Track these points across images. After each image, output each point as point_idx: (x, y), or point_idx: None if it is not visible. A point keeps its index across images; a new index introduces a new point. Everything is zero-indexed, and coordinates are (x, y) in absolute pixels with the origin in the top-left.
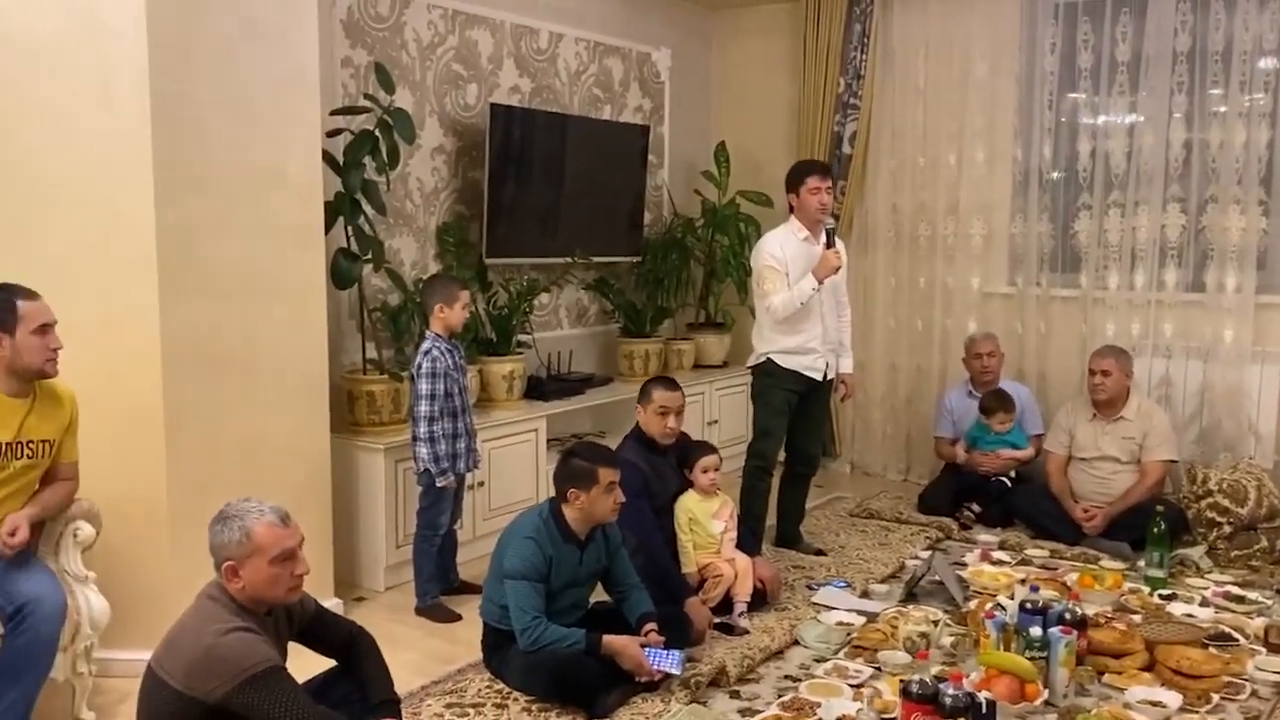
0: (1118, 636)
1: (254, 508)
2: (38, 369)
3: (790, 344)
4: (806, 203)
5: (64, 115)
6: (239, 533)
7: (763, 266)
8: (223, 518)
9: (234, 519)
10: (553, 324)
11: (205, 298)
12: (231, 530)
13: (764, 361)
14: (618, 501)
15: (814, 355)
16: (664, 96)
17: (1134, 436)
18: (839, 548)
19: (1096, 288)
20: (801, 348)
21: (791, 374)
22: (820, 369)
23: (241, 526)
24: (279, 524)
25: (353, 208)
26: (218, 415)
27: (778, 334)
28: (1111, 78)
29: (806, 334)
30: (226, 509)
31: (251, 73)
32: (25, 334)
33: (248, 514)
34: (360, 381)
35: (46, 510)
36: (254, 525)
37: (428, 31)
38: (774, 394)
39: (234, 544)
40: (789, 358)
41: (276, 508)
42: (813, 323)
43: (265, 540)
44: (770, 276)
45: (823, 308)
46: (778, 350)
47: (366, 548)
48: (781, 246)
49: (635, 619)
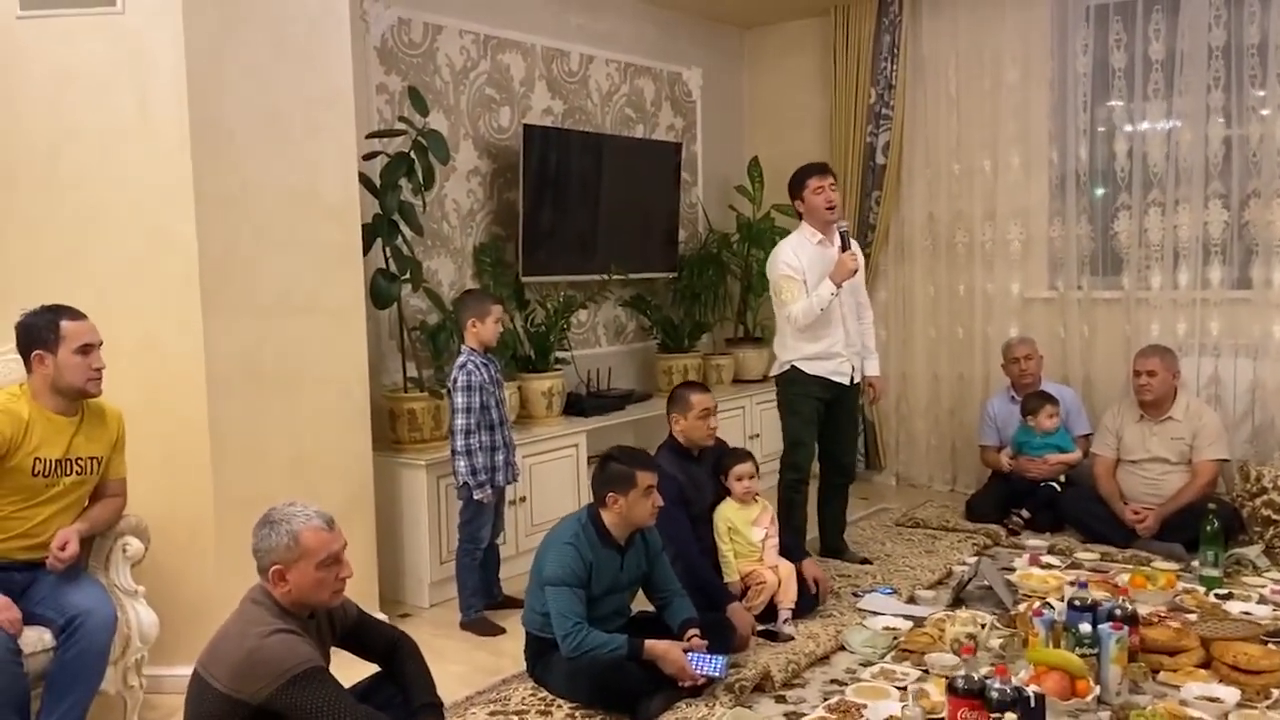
0: (1171, 634)
1: (300, 512)
2: (79, 388)
3: (814, 350)
4: (812, 204)
5: (106, 141)
6: (286, 537)
7: (779, 276)
8: (269, 522)
9: (281, 523)
10: (591, 341)
11: (247, 316)
12: (279, 535)
13: (789, 370)
14: (656, 505)
15: (839, 359)
16: (696, 115)
17: (1183, 436)
18: (884, 556)
19: (1139, 288)
20: (826, 353)
21: (818, 380)
22: (846, 373)
23: (289, 531)
24: (325, 528)
25: (390, 229)
26: (262, 432)
27: (801, 341)
28: (1146, 76)
29: (830, 339)
30: (272, 513)
31: (287, 95)
32: (68, 353)
33: (294, 518)
34: (401, 399)
35: (96, 526)
36: (301, 529)
37: (460, 56)
38: (802, 402)
39: (281, 548)
40: (814, 364)
41: (321, 511)
42: (835, 327)
43: (312, 544)
44: (788, 286)
45: (844, 309)
46: (802, 358)
47: (410, 564)
48: (795, 254)
49: (677, 625)
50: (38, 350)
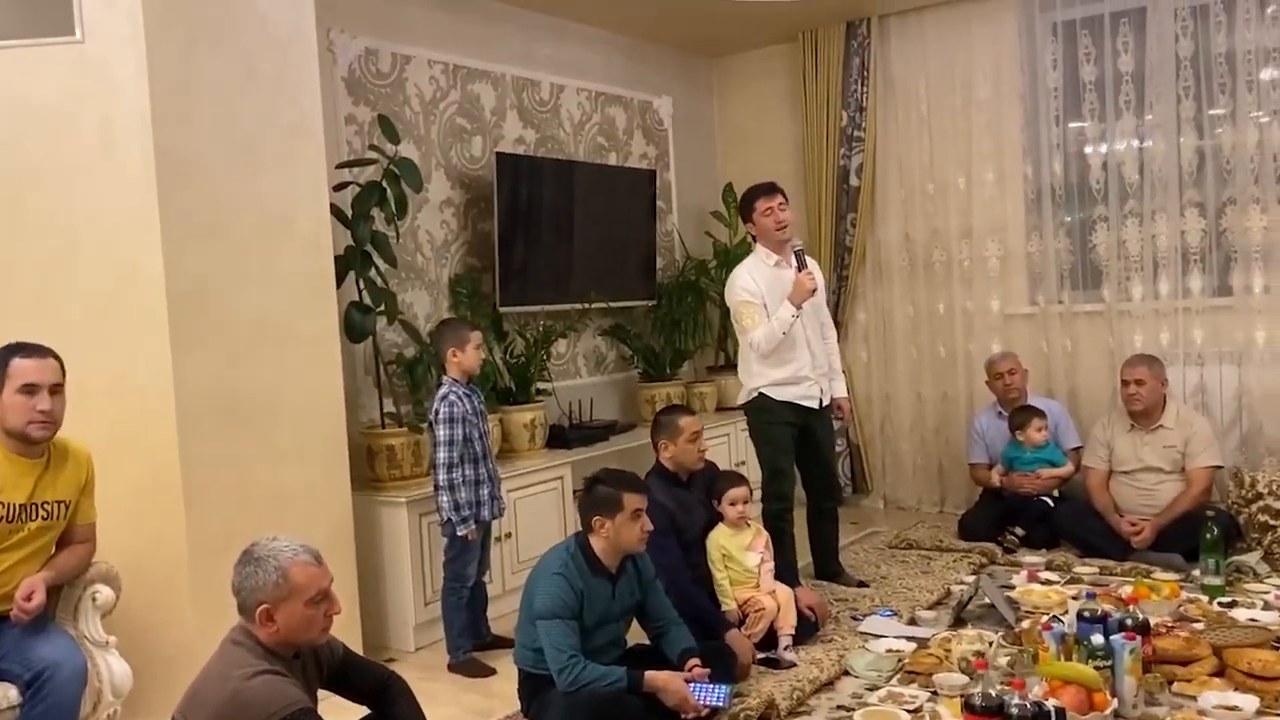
0: (1182, 643)
1: (285, 546)
2: (20, 431)
3: (781, 375)
4: (763, 225)
5: (70, 174)
6: (274, 574)
7: (738, 303)
8: (253, 559)
9: (267, 560)
10: (571, 372)
11: (219, 351)
12: (266, 572)
13: (756, 397)
14: (646, 529)
15: (807, 383)
16: (668, 143)
17: (1175, 445)
18: (880, 578)
19: (1120, 300)
20: (793, 377)
21: (787, 406)
22: (815, 396)
23: (277, 567)
24: (313, 563)
25: (363, 260)
26: (236, 471)
27: (766, 367)
28: (1117, 89)
29: (795, 363)
30: (255, 549)
31: (254, 123)
32: (11, 393)
33: (280, 553)
34: (379, 436)
35: (63, 574)
36: (289, 565)
37: (429, 86)
38: (774, 430)
39: (269, 586)
40: (781, 389)
41: (307, 546)
42: (799, 350)
43: (301, 581)
44: (747, 311)
45: (807, 332)
46: (769, 384)
47: (394, 607)
48: (752, 277)
49: (676, 655)
50: None
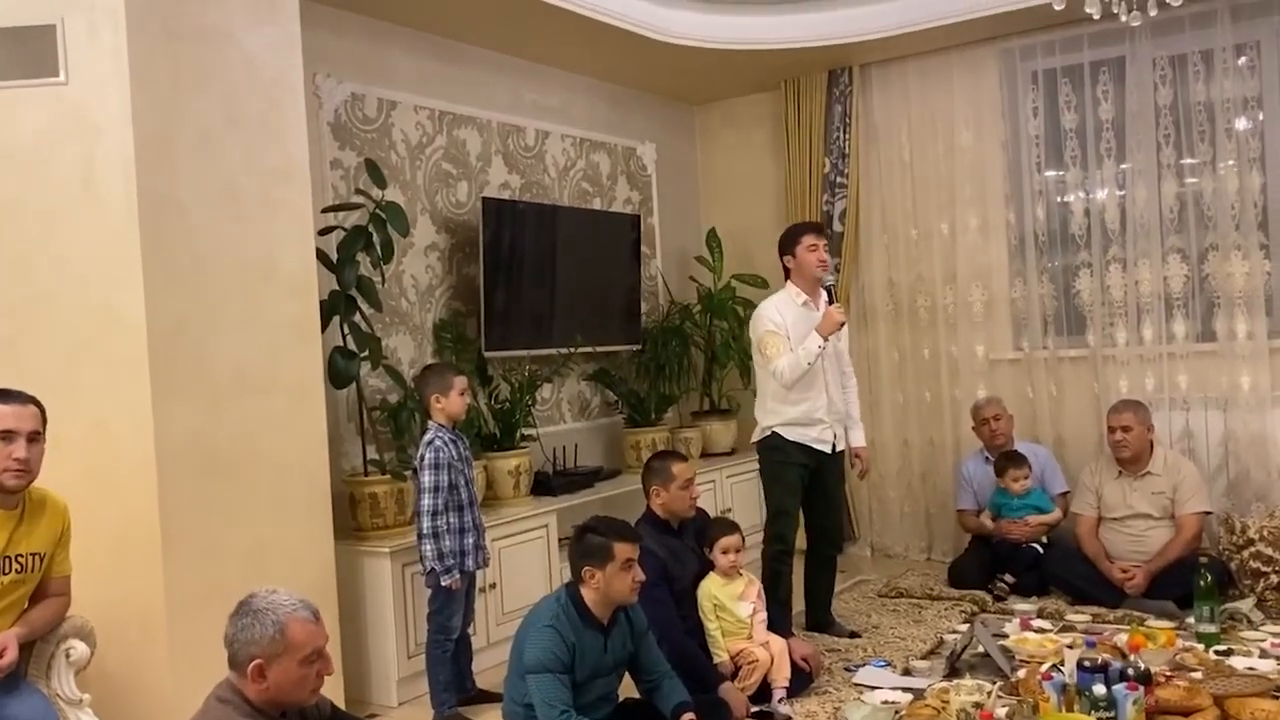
0: (1183, 693)
1: (285, 601)
2: None
3: (795, 414)
4: (805, 261)
5: (50, 215)
6: (272, 629)
7: (763, 332)
8: (250, 611)
9: (265, 613)
10: (556, 418)
11: (200, 397)
12: (264, 625)
13: (769, 436)
14: (637, 580)
15: (821, 426)
16: (651, 188)
17: (1164, 490)
18: (872, 628)
19: (1105, 345)
20: (807, 418)
21: (800, 447)
22: (829, 440)
23: (275, 621)
24: (312, 620)
25: (348, 305)
26: (216, 522)
27: (781, 404)
28: (1098, 136)
29: (811, 403)
30: (253, 601)
31: (238, 166)
32: None
33: (279, 607)
34: (362, 484)
35: (36, 629)
36: (287, 621)
37: (415, 131)
38: (785, 470)
39: (266, 640)
40: (795, 430)
41: (306, 602)
42: (817, 391)
43: (300, 638)
44: (772, 341)
45: (826, 376)
46: (782, 423)
47: (377, 660)
48: (779, 311)
49: (670, 709)
50: None
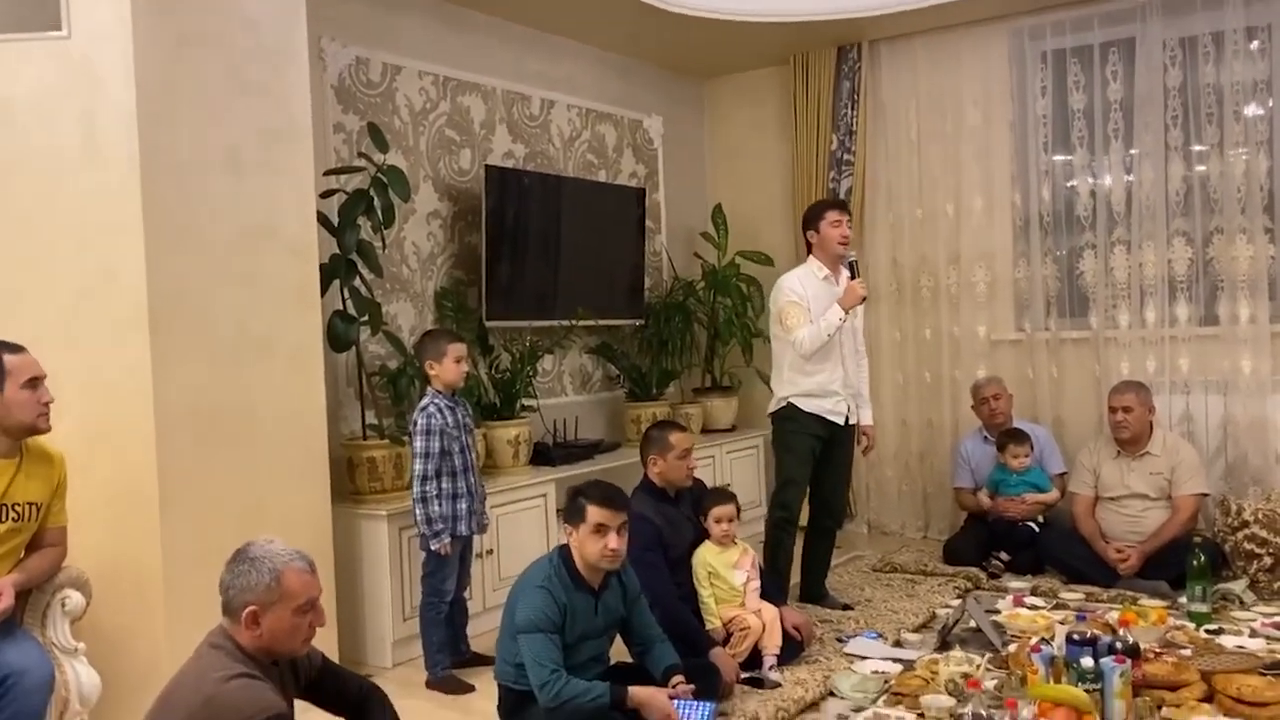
0: (1171, 668)
1: (282, 550)
2: (29, 425)
3: (810, 385)
4: (828, 236)
5: (50, 172)
6: (268, 576)
7: (785, 303)
8: (248, 558)
9: (262, 561)
10: (557, 390)
11: (199, 358)
12: (260, 573)
13: (785, 406)
14: (609, 548)
15: (835, 398)
16: (658, 162)
17: (1162, 472)
18: (865, 601)
19: (1107, 327)
20: (822, 389)
21: (814, 418)
22: (842, 412)
23: (271, 569)
24: (308, 570)
25: (348, 269)
26: (214, 481)
27: (798, 375)
28: (1106, 117)
29: (827, 374)
30: (251, 549)
31: (241, 126)
32: (15, 388)
33: (276, 557)
34: (360, 448)
35: (32, 578)
36: (284, 569)
37: (419, 97)
38: (797, 439)
39: (261, 588)
40: (810, 401)
41: (303, 553)
42: (833, 364)
43: (295, 587)
44: (793, 312)
45: (843, 350)
46: (799, 393)
47: (372, 622)
48: (802, 283)
49: (660, 671)
50: None
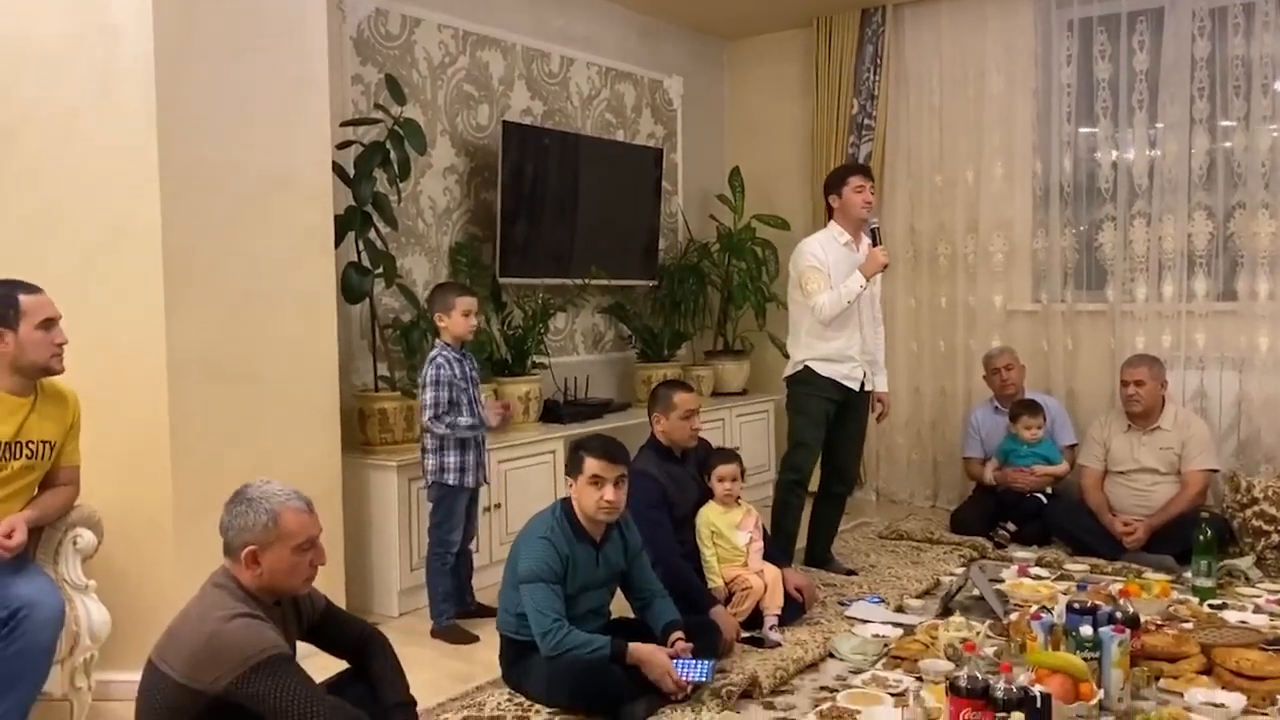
0: (1171, 640)
1: (279, 490)
2: (43, 364)
3: (828, 350)
4: (850, 202)
5: (66, 120)
6: (265, 516)
7: (805, 268)
8: (245, 499)
9: (260, 501)
10: (569, 349)
11: (212, 306)
12: (258, 513)
13: (801, 370)
14: (605, 499)
15: (852, 364)
16: (676, 123)
17: (1172, 446)
18: (870, 567)
19: (1124, 300)
20: (840, 354)
21: (829, 382)
22: (858, 378)
23: (269, 510)
24: (305, 510)
25: (363, 221)
26: (225, 428)
27: (815, 340)
28: (1131, 88)
29: (845, 340)
30: (248, 490)
31: (258, 75)
32: (29, 329)
33: (273, 496)
34: (372, 399)
35: (45, 515)
36: (281, 509)
37: (438, 51)
38: (811, 402)
39: (259, 528)
40: (827, 365)
41: (300, 493)
42: (851, 330)
43: (292, 526)
44: (814, 277)
45: (861, 316)
46: (815, 358)
47: (379, 571)
48: (823, 248)
49: (660, 627)
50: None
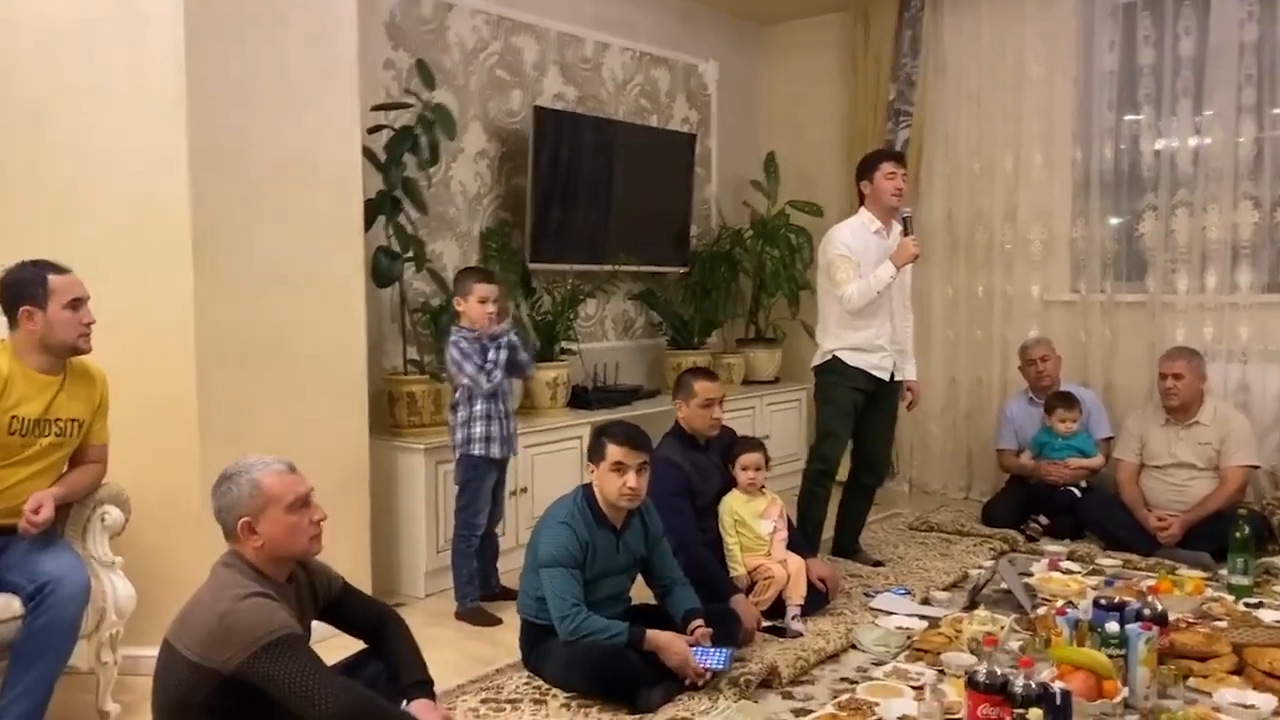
0: (1202, 639)
1: (256, 460)
2: (71, 344)
3: (857, 340)
4: (881, 189)
5: (97, 101)
6: (248, 486)
7: (834, 256)
8: (226, 478)
9: (239, 474)
10: (599, 335)
11: (240, 286)
12: (240, 486)
13: (830, 360)
14: (628, 486)
15: (881, 354)
16: (711, 108)
17: (1211, 442)
18: (897, 558)
19: (1165, 292)
20: (869, 344)
21: (858, 372)
22: (887, 368)
23: (249, 480)
24: (287, 471)
25: (393, 205)
26: (252, 409)
27: (844, 329)
28: (1175, 74)
29: (874, 329)
30: (226, 470)
31: (289, 58)
32: (57, 308)
33: (251, 468)
34: (401, 382)
35: (73, 492)
36: (261, 476)
37: (471, 35)
38: (840, 392)
39: (245, 498)
40: (856, 355)
41: (279, 458)
42: (881, 319)
43: (277, 488)
44: (843, 265)
45: (892, 304)
46: (844, 347)
47: (406, 553)
48: (853, 235)
49: (680, 614)
50: (26, 306)
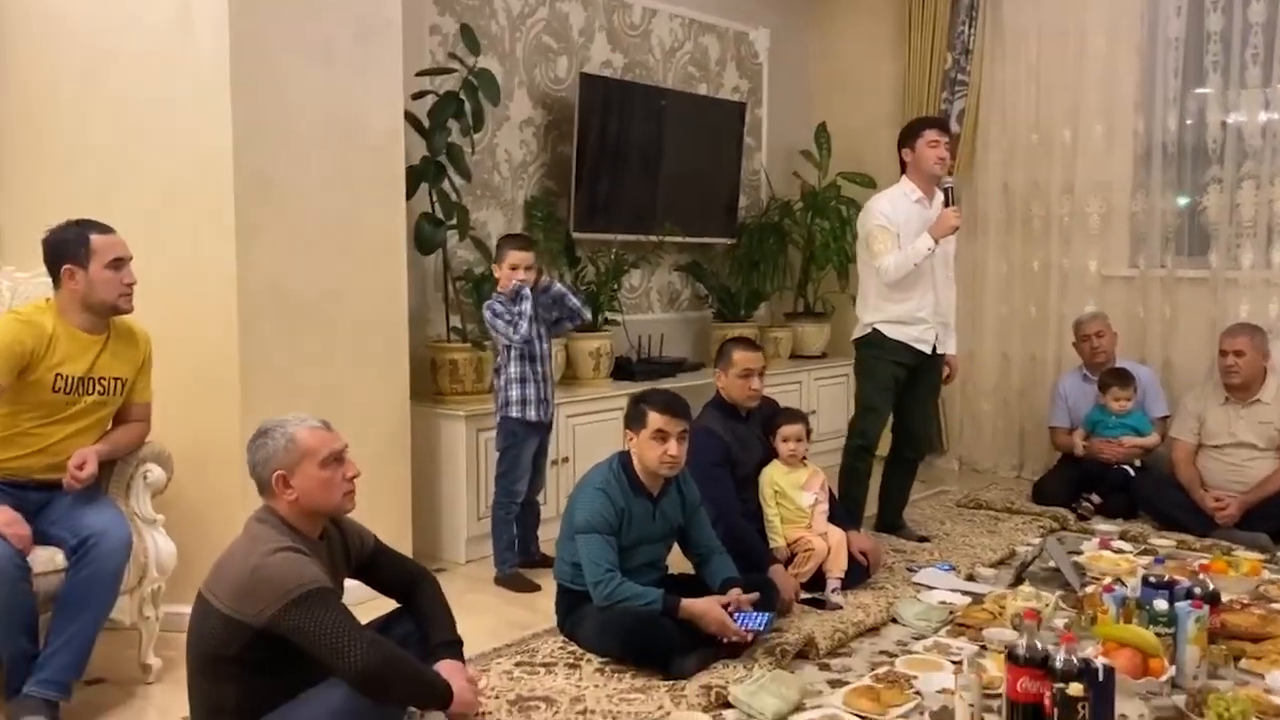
0: (1256, 620)
1: (291, 416)
2: (111, 304)
3: (898, 312)
4: (924, 156)
5: (143, 62)
6: (283, 439)
7: (873, 226)
8: (261, 432)
9: (274, 429)
10: (644, 306)
11: (284, 247)
12: (275, 440)
13: (870, 333)
14: (669, 454)
15: (923, 326)
16: (761, 77)
17: (1272, 421)
18: (944, 535)
19: (1228, 267)
20: (910, 316)
21: (900, 345)
22: (930, 340)
23: (284, 434)
24: (322, 427)
25: (437, 171)
26: (294, 370)
27: (885, 301)
28: (1245, 41)
29: (916, 301)
30: (262, 425)
31: (333, 22)
32: (99, 268)
33: (287, 423)
34: (443, 350)
35: (116, 449)
36: (296, 431)
37: (518, 1)
38: (880, 366)
39: (280, 452)
40: (897, 328)
41: (314, 416)
42: (923, 290)
43: (311, 443)
44: (881, 236)
45: (935, 275)
46: (885, 320)
47: (447, 519)
48: (893, 205)
49: (718, 584)
50: (68, 265)
